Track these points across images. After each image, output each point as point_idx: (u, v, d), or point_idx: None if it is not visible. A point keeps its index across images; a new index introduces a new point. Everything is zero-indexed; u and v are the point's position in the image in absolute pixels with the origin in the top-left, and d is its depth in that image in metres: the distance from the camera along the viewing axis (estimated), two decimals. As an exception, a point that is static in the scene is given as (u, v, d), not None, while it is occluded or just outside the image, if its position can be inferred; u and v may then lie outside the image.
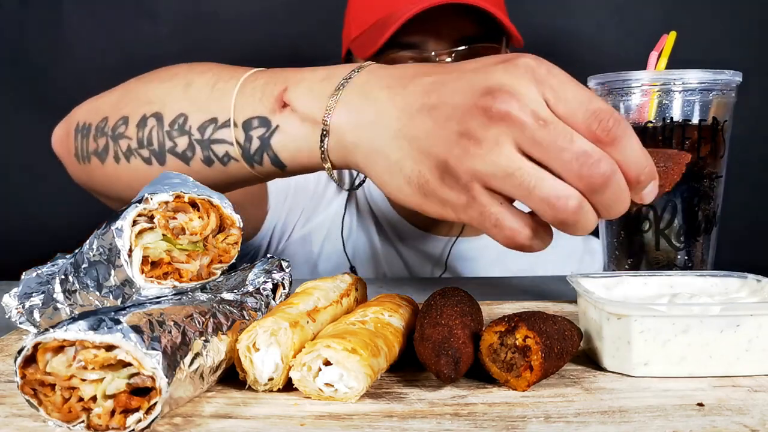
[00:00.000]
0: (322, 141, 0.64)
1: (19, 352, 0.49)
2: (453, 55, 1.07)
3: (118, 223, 0.59)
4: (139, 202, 0.60)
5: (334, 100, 0.63)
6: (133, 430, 0.48)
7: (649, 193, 0.57)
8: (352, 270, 1.26)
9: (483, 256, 1.28)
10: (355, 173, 0.81)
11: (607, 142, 0.54)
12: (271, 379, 0.57)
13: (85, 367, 0.48)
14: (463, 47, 1.08)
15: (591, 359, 0.65)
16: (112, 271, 0.61)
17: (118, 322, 0.49)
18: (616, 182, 0.54)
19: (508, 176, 0.54)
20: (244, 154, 0.70)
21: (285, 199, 1.26)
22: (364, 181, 0.74)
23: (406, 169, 0.59)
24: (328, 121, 0.63)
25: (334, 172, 0.67)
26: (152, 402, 0.48)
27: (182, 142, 0.73)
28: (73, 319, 0.49)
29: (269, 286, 0.70)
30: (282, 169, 0.70)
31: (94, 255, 0.62)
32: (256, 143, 0.69)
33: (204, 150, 0.71)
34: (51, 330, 0.48)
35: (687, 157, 0.63)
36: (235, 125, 0.69)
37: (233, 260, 0.65)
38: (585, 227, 0.55)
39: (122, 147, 0.78)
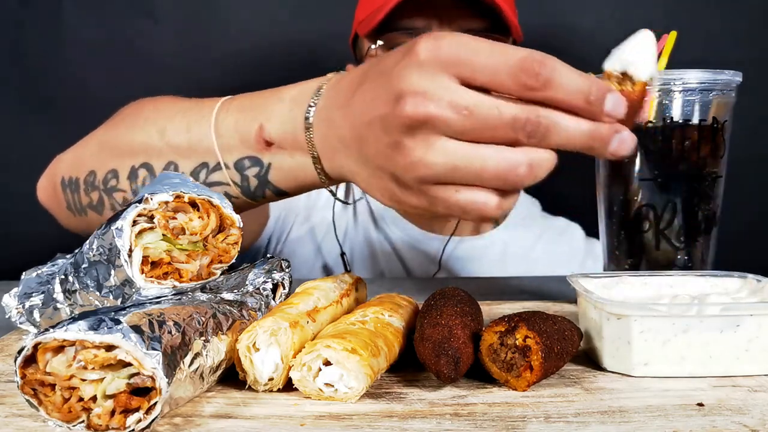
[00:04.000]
0: (316, 167, 0.66)
1: (19, 352, 0.49)
2: None
3: (118, 223, 0.59)
4: (139, 202, 0.60)
5: (309, 133, 0.65)
6: (133, 430, 0.48)
7: (615, 106, 0.53)
8: (346, 267, 1.25)
9: (483, 257, 1.28)
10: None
11: (540, 87, 0.52)
12: (271, 379, 0.57)
13: (85, 367, 0.48)
14: None
15: (591, 359, 0.65)
16: (112, 271, 0.61)
17: (118, 322, 0.49)
18: (556, 121, 0.53)
19: (453, 170, 0.54)
20: (243, 192, 0.72)
21: (284, 202, 1.26)
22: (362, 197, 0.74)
23: (375, 185, 0.61)
24: (315, 153, 0.66)
25: (339, 189, 0.66)
26: (152, 402, 0.48)
27: None
28: (73, 319, 0.49)
29: (269, 286, 0.70)
30: (285, 196, 0.72)
31: (94, 255, 0.62)
32: (254, 181, 0.70)
33: None
34: (51, 330, 0.48)
35: None
36: (227, 167, 0.71)
37: (233, 260, 0.65)
38: (541, 175, 0.55)
39: (117, 199, 0.79)
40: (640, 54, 0.56)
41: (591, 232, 1.32)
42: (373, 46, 1.13)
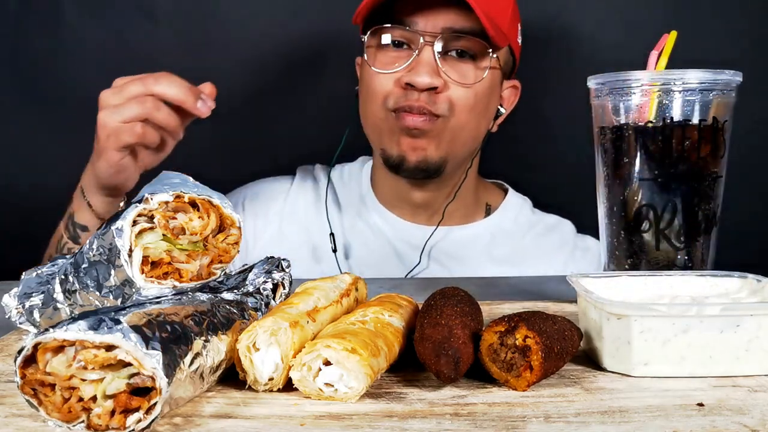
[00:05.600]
0: (84, 196, 1.11)
1: (19, 352, 0.49)
2: (438, 37, 1.12)
3: (118, 223, 0.59)
4: (139, 202, 0.60)
5: (81, 185, 1.13)
6: (133, 430, 0.48)
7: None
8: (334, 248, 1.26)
9: (470, 246, 1.29)
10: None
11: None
12: (271, 379, 0.57)
13: (85, 367, 0.48)
14: (445, 34, 1.12)
15: (591, 359, 0.65)
16: (112, 271, 0.61)
17: (118, 322, 0.49)
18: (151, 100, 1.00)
19: (119, 111, 1.00)
20: (69, 236, 1.15)
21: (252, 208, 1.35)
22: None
23: (106, 160, 1.04)
24: (83, 190, 1.12)
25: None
26: (152, 402, 0.48)
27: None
28: (73, 319, 0.49)
29: (269, 286, 0.70)
30: (85, 230, 1.13)
31: (94, 255, 0.62)
32: (71, 227, 1.15)
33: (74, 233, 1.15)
34: (51, 330, 0.48)
35: None
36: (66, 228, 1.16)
37: (233, 260, 0.65)
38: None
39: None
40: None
41: (592, 233, 1.33)
42: (363, 37, 1.20)
